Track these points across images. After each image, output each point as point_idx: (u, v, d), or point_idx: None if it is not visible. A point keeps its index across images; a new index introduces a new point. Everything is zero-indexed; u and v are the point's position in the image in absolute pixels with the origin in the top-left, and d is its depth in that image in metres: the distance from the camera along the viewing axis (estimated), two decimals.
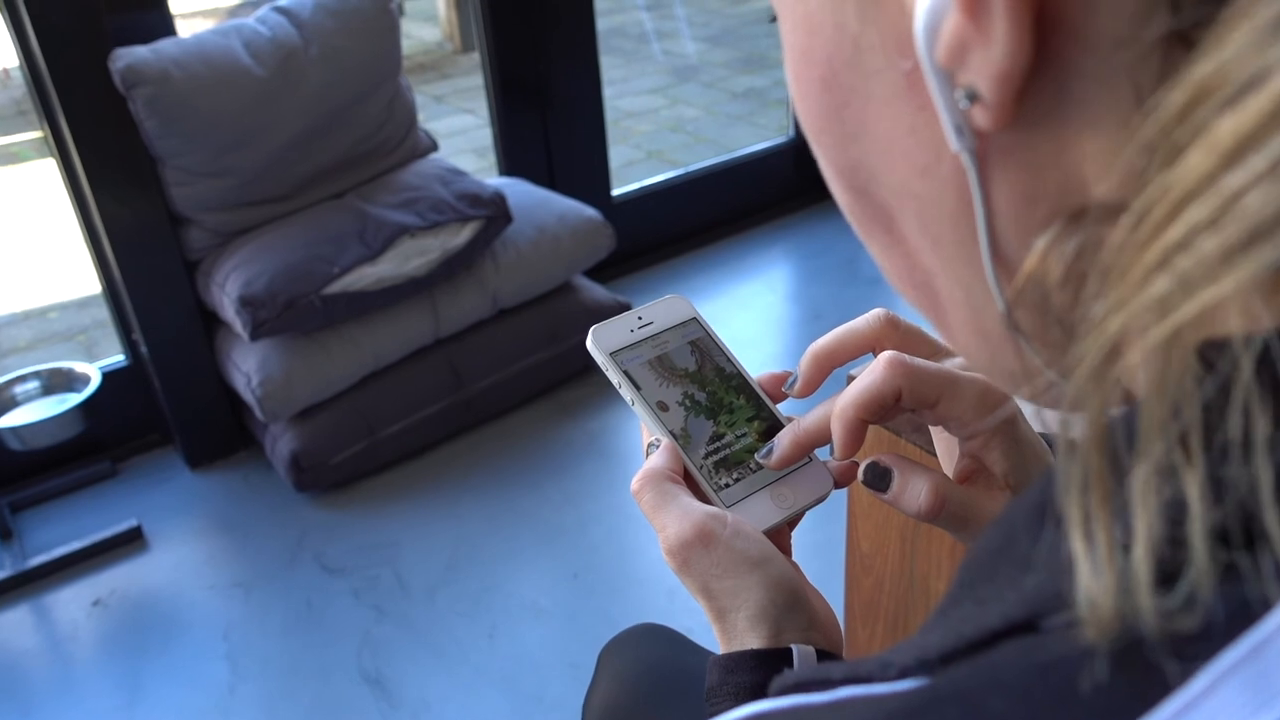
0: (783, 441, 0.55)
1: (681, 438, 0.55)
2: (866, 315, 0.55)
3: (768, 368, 0.60)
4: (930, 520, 0.50)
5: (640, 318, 0.59)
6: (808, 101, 0.32)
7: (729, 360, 0.59)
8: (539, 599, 1.81)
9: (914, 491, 0.50)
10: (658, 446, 0.55)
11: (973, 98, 0.26)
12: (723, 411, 0.57)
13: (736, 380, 0.58)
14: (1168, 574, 0.21)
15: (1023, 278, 0.28)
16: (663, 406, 0.56)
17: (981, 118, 0.26)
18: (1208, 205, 0.20)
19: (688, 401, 0.57)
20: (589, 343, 0.57)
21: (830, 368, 0.55)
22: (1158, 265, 0.21)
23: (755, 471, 0.55)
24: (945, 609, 0.29)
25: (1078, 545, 0.22)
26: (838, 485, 0.57)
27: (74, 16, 1.80)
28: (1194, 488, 0.21)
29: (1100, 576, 0.22)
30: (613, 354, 0.57)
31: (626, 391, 0.56)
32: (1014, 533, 0.27)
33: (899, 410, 0.50)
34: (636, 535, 1.94)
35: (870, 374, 0.50)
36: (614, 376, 0.57)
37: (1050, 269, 0.27)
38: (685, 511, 0.51)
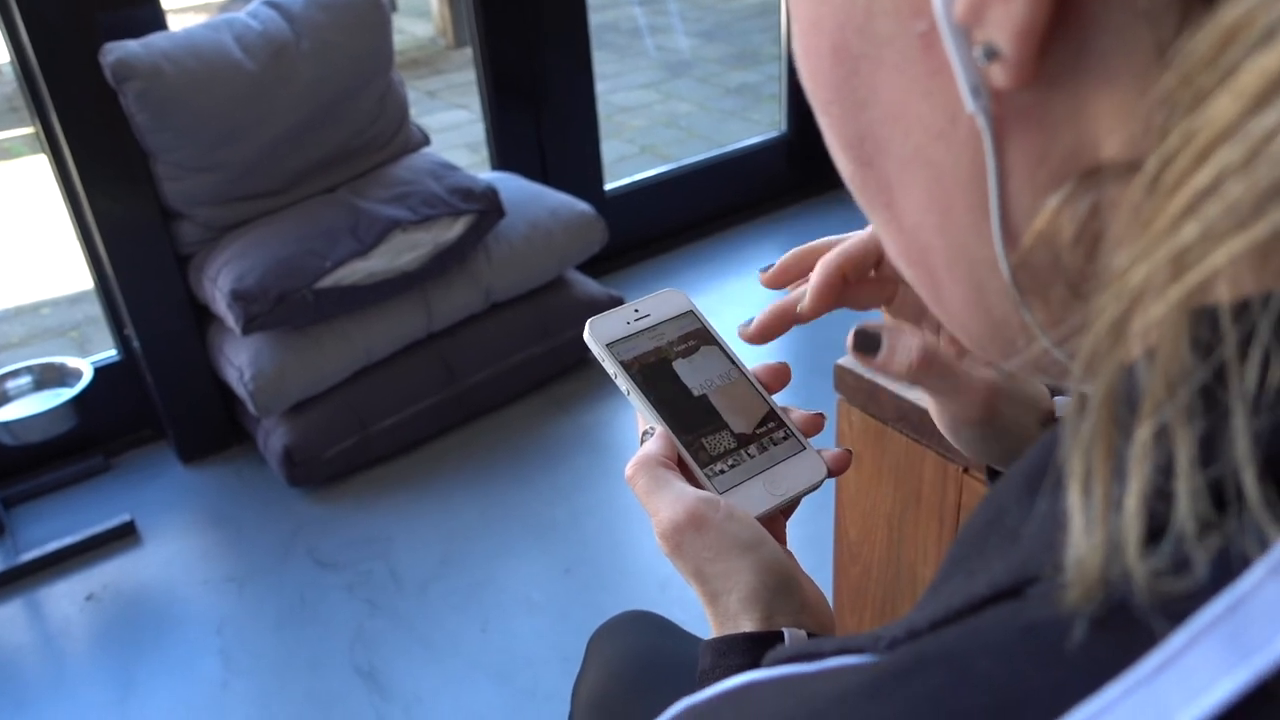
0: (763, 311, 0.56)
1: (675, 426, 0.56)
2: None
3: (760, 361, 0.61)
4: (919, 381, 0.51)
5: (637, 310, 0.60)
6: (816, 72, 0.31)
7: (725, 352, 0.60)
8: (531, 592, 1.81)
9: (903, 352, 0.50)
10: (652, 434, 0.56)
11: (991, 55, 0.25)
12: (717, 401, 0.58)
13: (732, 371, 0.59)
14: (1156, 532, 0.21)
15: (1031, 236, 0.27)
16: (658, 396, 0.57)
17: (1000, 76, 0.25)
18: (1237, 148, 0.20)
19: (682, 391, 0.57)
20: (586, 334, 0.58)
21: (813, 260, 0.56)
22: (1184, 212, 0.21)
23: (749, 460, 0.56)
24: (936, 585, 0.29)
25: (1075, 500, 0.22)
26: (831, 474, 0.57)
27: (64, 11, 1.80)
28: (1185, 446, 0.21)
29: (1092, 533, 0.22)
30: (609, 345, 0.58)
31: (622, 382, 0.57)
32: (1004, 505, 0.28)
33: (878, 285, 0.54)
34: (629, 528, 1.94)
35: (855, 235, 0.53)
36: (610, 367, 0.57)
37: (1061, 228, 0.27)
38: (678, 496, 0.51)
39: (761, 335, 0.56)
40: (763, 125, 4.15)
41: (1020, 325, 0.30)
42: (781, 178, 3.13)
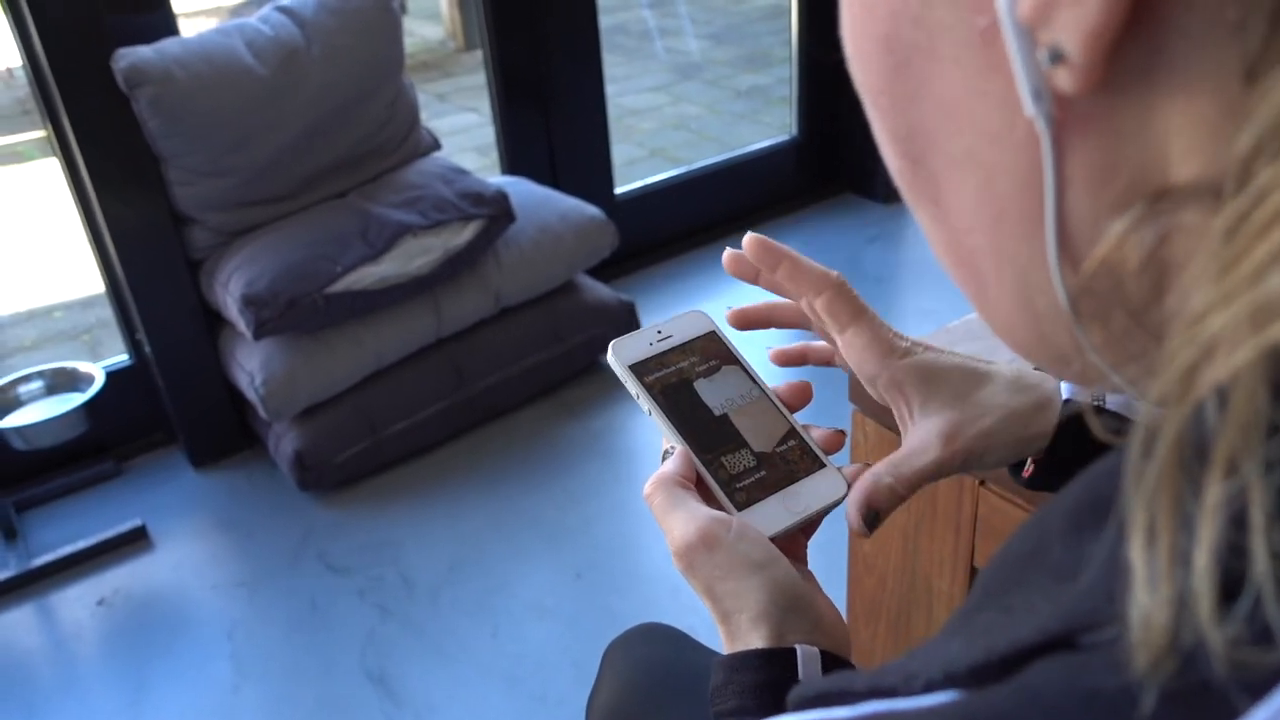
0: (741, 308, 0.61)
1: (695, 445, 0.56)
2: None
3: (768, 366, 0.61)
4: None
5: (660, 331, 0.60)
6: (867, 61, 0.30)
7: (746, 371, 0.60)
8: (542, 598, 1.81)
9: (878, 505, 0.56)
10: (672, 453, 0.56)
11: (1057, 57, 0.23)
12: (737, 420, 0.58)
13: (753, 390, 0.59)
14: (1229, 591, 0.20)
15: (1094, 263, 0.26)
16: (679, 416, 0.57)
17: (1065, 80, 0.24)
18: None
19: (703, 411, 0.58)
20: (609, 356, 0.59)
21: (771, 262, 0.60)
22: (1271, 260, 0.19)
23: (768, 478, 0.56)
24: (968, 614, 0.28)
25: (1137, 552, 0.21)
26: (850, 490, 0.57)
27: (76, 16, 1.81)
28: (1260, 498, 0.20)
29: (1157, 588, 0.20)
30: (631, 366, 0.58)
31: (644, 402, 0.57)
32: (1046, 538, 0.26)
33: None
34: (640, 534, 1.94)
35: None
36: (632, 388, 0.58)
37: (1127, 256, 0.25)
38: (691, 515, 0.51)
39: (744, 320, 0.61)
40: (773, 128, 4.14)
41: (1071, 340, 0.29)
42: (792, 181, 3.13)
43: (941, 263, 0.33)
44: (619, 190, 2.79)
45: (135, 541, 2.01)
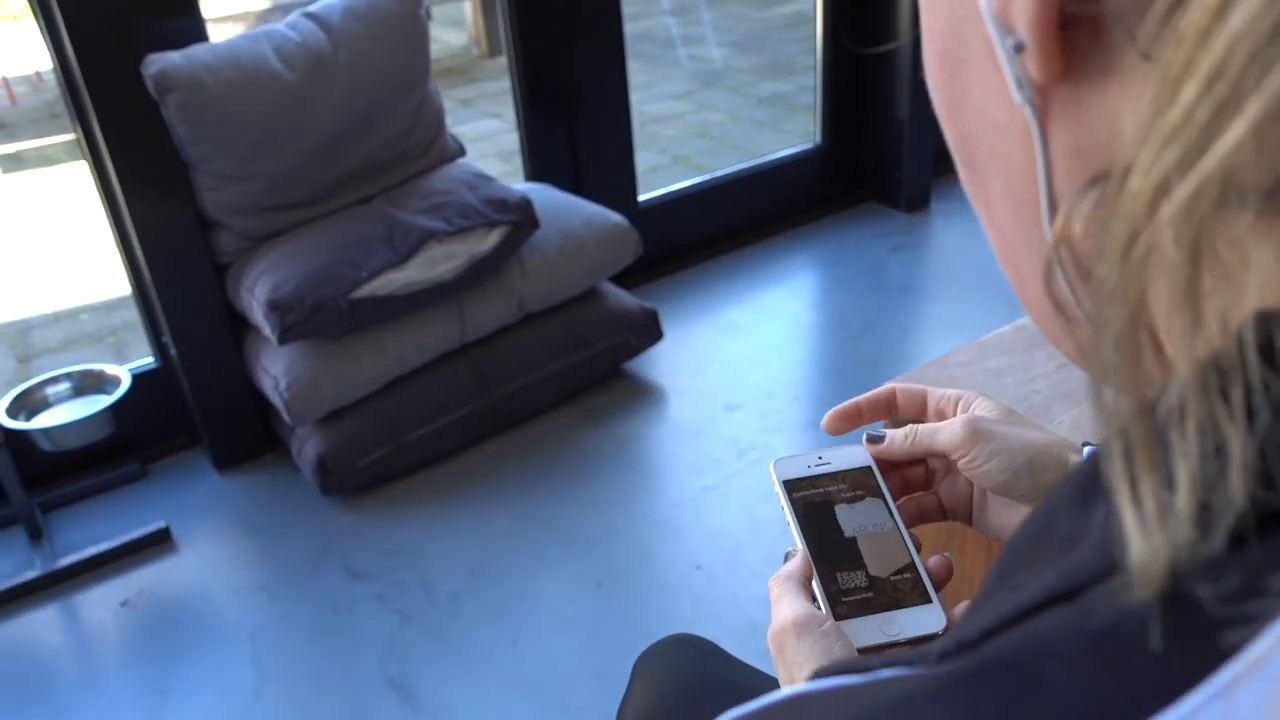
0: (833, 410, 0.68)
1: (816, 555, 0.61)
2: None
3: (791, 375, 0.63)
4: (914, 455, 0.66)
5: (820, 457, 0.67)
6: (932, 78, 0.33)
7: (887, 506, 0.64)
8: (563, 606, 1.81)
9: (897, 439, 0.66)
10: (794, 555, 0.61)
11: (1019, 47, 0.26)
12: (863, 544, 0.62)
13: (887, 523, 0.64)
14: (1210, 523, 0.21)
15: (1055, 235, 0.28)
16: (810, 529, 0.63)
17: (1033, 68, 0.26)
18: (1196, 82, 0.20)
19: (835, 530, 0.63)
20: (770, 470, 0.66)
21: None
22: (1166, 141, 0.21)
23: (873, 600, 0.60)
24: (980, 601, 0.29)
25: (1125, 510, 0.22)
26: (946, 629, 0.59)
27: (108, 21, 1.82)
28: (1236, 437, 0.21)
29: (1150, 537, 0.22)
30: (785, 482, 0.65)
31: (786, 512, 0.64)
32: (1053, 517, 0.28)
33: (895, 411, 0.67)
34: (661, 543, 1.93)
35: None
36: (781, 499, 0.64)
37: (1073, 228, 0.27)
38: (794, 602, 0.56)
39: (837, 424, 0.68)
40: (795, 136, 4.14)
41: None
42: (815, 190, 3.12)
43: (1001, 265, 0.35)
44: (641, 197, 2.79)
45: (159, 543, 2.02)
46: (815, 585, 0.59)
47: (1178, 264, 0.22)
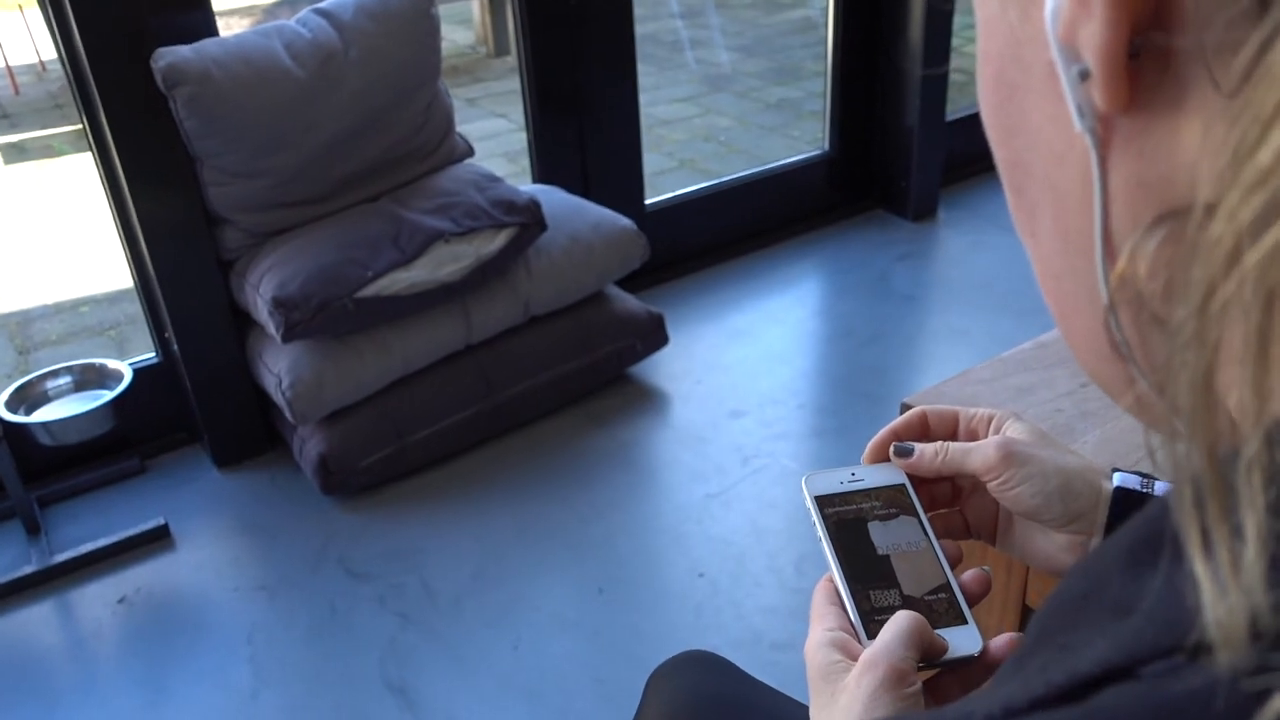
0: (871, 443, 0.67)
1: (848, 574, 0.61)
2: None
3: (796, 383, 0.62)
4: (941, 473, 0.65)
5: (853, 474, 0.66)
6: (985, 100, 0.32)
7: (921, 524, 0.64)
8: (564, 611, 1.79)
9: (926, 455, 0.65)
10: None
11: (1085, 75, 0.26)
12: (897, 563, 0.61)
13: (921, 541, 0.63)
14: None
15: (1115, 276, 0.27)
16: (843, 547, 0.62)
17: (1097, 97, 0.26)
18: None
19: (868, 548, 0.62)
20: (803, 485, 0.65)
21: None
22: (1254, 186, 0.20)
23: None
24: (1020, 660, 0.28)
25: (1198, 566, 0.21)
26: (984, 655, 0.58)
27: (118, 15, 1.81)
28: None
29: (1226, 596, 0.21)
30: (818, 498, 0.64)
31: (819, 528, 0.63)
32: (1104, 577, 0.26)
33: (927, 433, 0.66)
34: (664, 550, 1.92)
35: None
36: (814, 514, 0.64)
37: (1138, 267, 0.26)
38: (827, 622, 0.57)
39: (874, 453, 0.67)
40: (802, 142, 4.13)
41: (1126, 365, 0.30)
42: (822, 196, 3.11)
43: (1044, 293, 0.34)
44: (648, 201, 2.77)
45: (157, 540, 2.00)
46: (848, 604, 0.59)
47: (1253, 311, 0.21)
